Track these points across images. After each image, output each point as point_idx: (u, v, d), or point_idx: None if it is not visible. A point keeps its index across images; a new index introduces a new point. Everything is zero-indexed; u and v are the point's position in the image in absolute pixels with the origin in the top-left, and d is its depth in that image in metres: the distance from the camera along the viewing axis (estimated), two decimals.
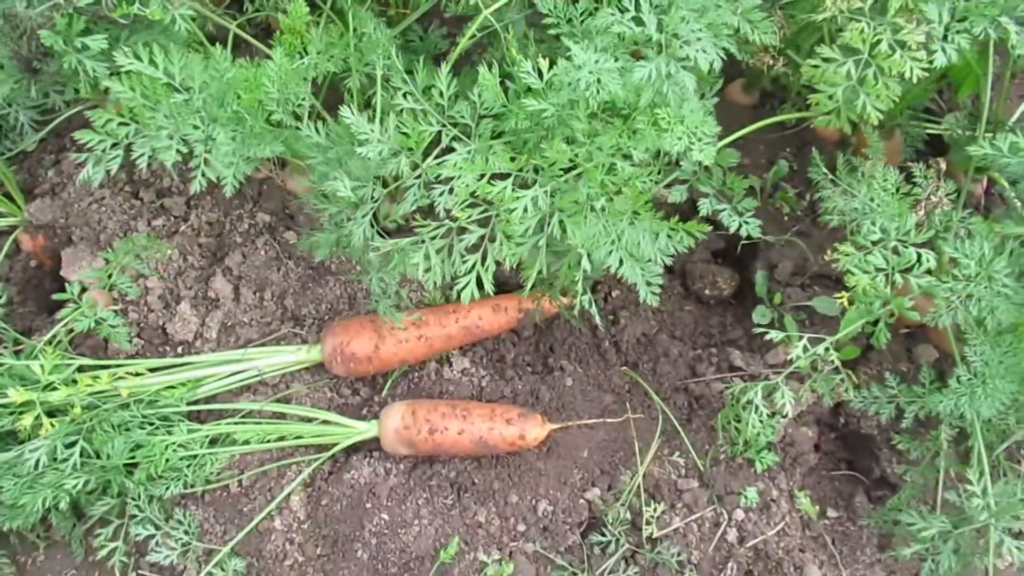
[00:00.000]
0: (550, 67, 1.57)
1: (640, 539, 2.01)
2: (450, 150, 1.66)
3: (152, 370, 2.05)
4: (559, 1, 1.80)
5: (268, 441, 2.02)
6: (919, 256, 1.73)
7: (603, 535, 2.01)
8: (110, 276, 2.03)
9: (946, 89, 2.57)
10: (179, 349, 2.17)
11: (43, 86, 1.77)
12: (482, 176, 1.50)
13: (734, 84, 2.50)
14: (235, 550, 1.97)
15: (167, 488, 1.96)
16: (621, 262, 1.56)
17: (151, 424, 1.97)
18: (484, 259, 1.52)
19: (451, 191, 1.59)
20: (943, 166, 1.88)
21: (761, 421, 1.94)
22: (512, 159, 1.49)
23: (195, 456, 1.98)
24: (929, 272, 1.73)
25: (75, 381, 1.92)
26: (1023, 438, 1.96)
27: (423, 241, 1.55)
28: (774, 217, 2.33)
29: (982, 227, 1.80)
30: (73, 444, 1.88)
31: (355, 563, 1.95)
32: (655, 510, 2.03)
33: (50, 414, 1.88)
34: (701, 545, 2.01)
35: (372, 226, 1.65)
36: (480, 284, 1.53)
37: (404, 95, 1.66)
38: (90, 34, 1.62)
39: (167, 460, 1.93)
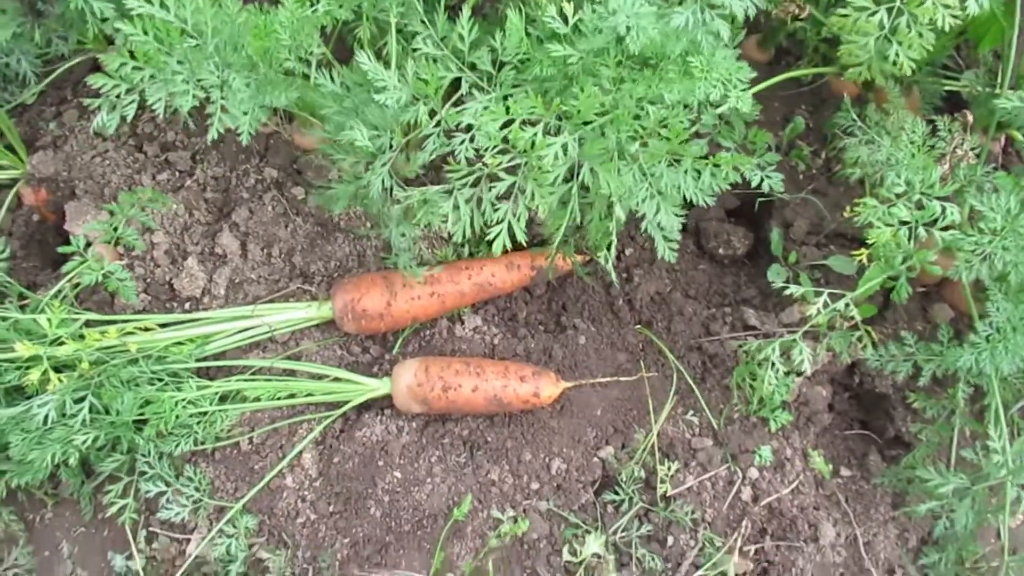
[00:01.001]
0: (575, 12, 1.53)
1: (654, 497, 2.00)
2: (469, 98, 1.62)
3: (161, 326, 2.01)
4: None
5: (279, 398, 1.99)
6: (943, 209, 1.70)
7: (616, 493, 2.00)
8: (115, 229, 1.99)
9: (963, 46, 2.53)
10: (186, 305, 2.13)
11: (46, 30, 1.71)
12: (509, 122, 1.46)
13: (749, 40, 2.45)
14: (246, 507, 1.95)
15: (177, 445, 1.93)
16: (658, 208, 1.52)
17: (160, 380, 1.94)
18: (516, 208, 1.48)
19: (472, 139, 1.55)
20: (970, 119, 1.85)
21: (777, 379, 1.92)
22: (545, 105, 1.44)
23: (205, 413, 1.95)
24: (953, 226, 1.70)
25: (83, 336, 1.88)
26: None
27: (452, 190, 1.51)
28: (789, 174, 2.30)
29: (1007, 181, 1.77)
30: (82, 399, 1.84)
31: (368, 521, 1.94)
32: (669, 468, 2.02)
33: (57, 369, 1.85)
34: (715, 503, 2.00)
35: (391, 176, 1.60)
36: (512, 235, 1.49)
37: (423, 40, 1.61)
38: None
39: (177, 417, 1.90)
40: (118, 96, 1.46)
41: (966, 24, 1.78)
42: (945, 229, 1.69)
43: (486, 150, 1.48)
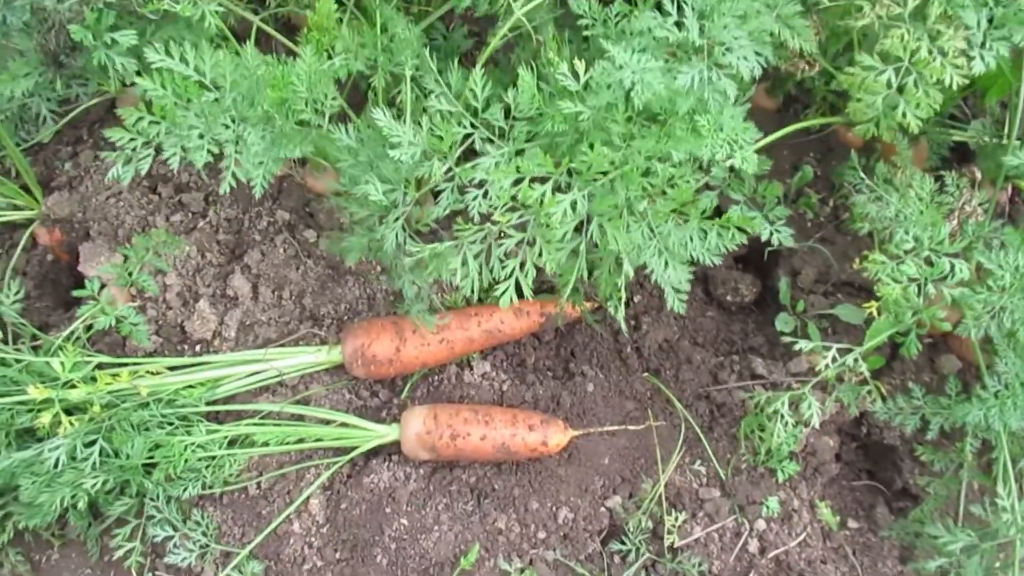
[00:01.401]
0: (586, 69, 1.55)
1: (661, 548, 1.99)
2: (482, 153, 1.64)
3: (171, 369, 2.02)
4: (594, 3, 1.78)
5: (287, 443, 2.00)
6: (953, 266, 1.71)
7: (623, 543, 2.00)
8: (130, 273, 2.01)
9: (970, 95, 2.55)
10: (197, 348, 2.14)
11: (66, 79, 1.74)
12: (519, 179, 1.48)
13: (758, 88, 2.48)
14: (253, 553, 1.95)
15: (185, 489, 1.93)
16: (666, 265, 1.54)
17: (170, 424, 1.95)
18: (523, 264, 1.50)
19: (485, 195, 1.57)
20: (978, 175, 1.87)
21: (785, 431, 1.93)
22: (556, 164, 1.46)
23: (214, 457, 1.96)
24: (962, 283, 1.71)
25: (94, 379, 1.89)
26: None
27: (461, 246, 1.52)
28: (797, 223, 2.31)
29: (1015, 237, 1.78)
30: (92, 443, 1.85)
31: (374, 568, 1.94)
32: (676, 519, 2.01)
33: (68, 412, 1.86)
34: (722, 555, 1.99)
35: (404, 230, 1.62)
36: (519, 290, 1.51)
37: (437, 96, 1.64)
38: (118, 29, 1.60)
39: (186, 460, 1.91)
40: (134, 149, 1.48)
41: (972, 78, 1.80)
42: (954, 286, 1.70)
43: (495, 208, 1.50)
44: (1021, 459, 1.94)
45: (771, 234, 1.80)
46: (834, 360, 1.83)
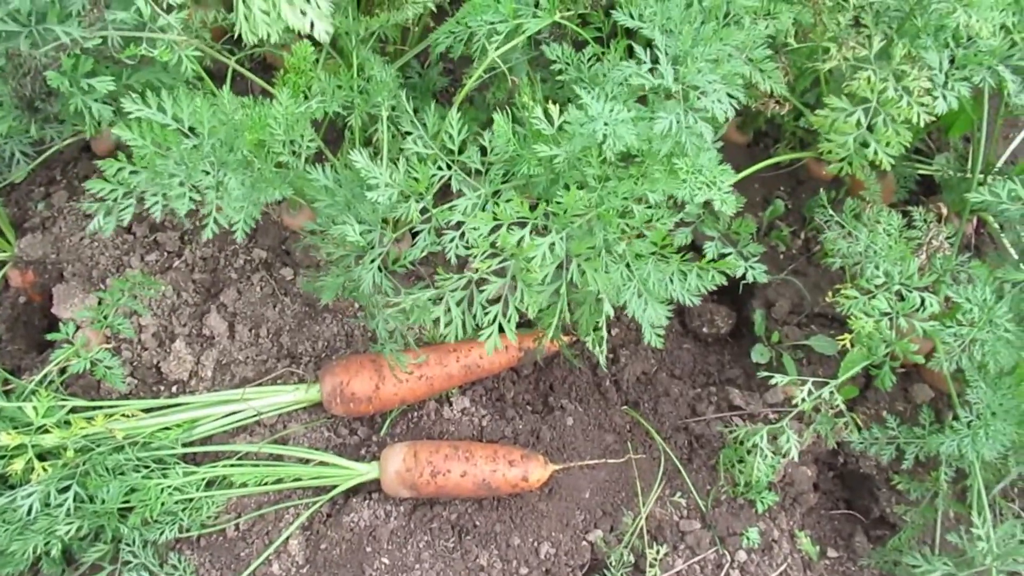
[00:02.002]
0: (560, 112, 1.57)
1: None
2: (459, 194, 1.65)
3: (147, 411, 2.00)
4: (566, 47, 1.81)
5: (265, 483, 1.98)
6: (923, 300, 1.75)
7: None
8: (105, 316, 1.99)
9: (935, 130, 2.62)
10: (174, 388, 2.12)
11: (41, 123, 1.73)
12: (498, 226, 1.49)
13: (729, 124, 2.52)
14: None
15: (162, 533, 1.90)
16: (646, 305, 1.56)
17: (146, 467, 1.92)
18: (506, 310, 1.51)
19: (462, 236, 1.58)
20: (944, 210, 1.91)
21: (764, 463, 1.94)
22: (532, 207, 1.48)
23: (191, 500, 1.93)
24: (933, 316, 1.75)
25: (68, 423, 1.87)
26: (1017, 477, 1.98)
27: (443, 295, 1.53)
28: (770, 255, 2.35)
29: (982, 271, 1.83)
30: (66, 489, 1.83)
31: None
32: (658, 552, 2.01)
33: (41, 457, 1.84)
34: None
35: (381, 270, 1.63)
36: (501, 330, 1.52)
37: (414, 139, 1.65)
38: (95, 75, 1.59)
39: (162, 504, 1.88)
40: (115, 200, 1.48)
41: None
42: (925, 320, 1.73)
43: (474, 256, 1.51)
44: (994, 487, 1.97)
45: (746, 271, 1.82)
46: (810, 393, 1.85)
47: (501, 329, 1.52)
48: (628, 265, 1.53)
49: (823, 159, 1.88)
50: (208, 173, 1.51)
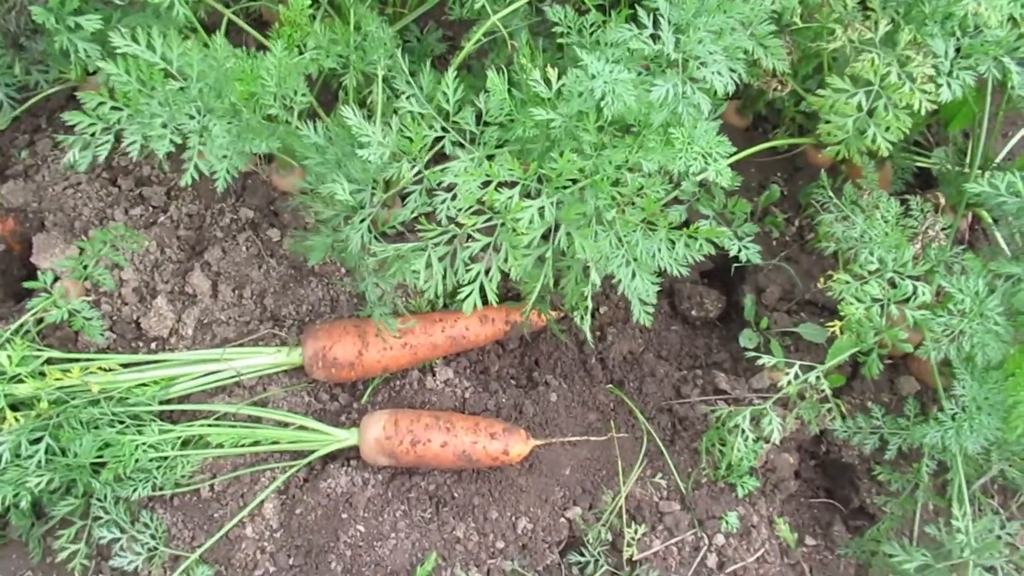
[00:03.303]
0: (559, 77, 1.54)
1: (620, 560, 1.98)
2: (452, 157, 1.62)
3: (124, 366, 1.96)
4: (569, 11, 1.78)
5: (242, 445, 1.95)
6: (915, 288, 1.73)
7: (582, 555, 1.98)
8: (85, 266, 1.95)
9: (933, 124, 2.60)
10: (153, 345, 2.09)
11: (26, 64, 1.68)
12: (487, 183, 1.46)
13: (729, 106, 2.49)
14: (203, 557, 1.90)
15: (134, 490, 1.87)
16: (633, 275, 1.53)
17: (121, 422, 1.89)
18: (488, 269, 1.48)
19: (454, 198, 1.55)
20: (942, 200, 1.89)
21: (746, 446, 1.93)
22: (525, 169, 1.45)
23: (166, 458, 1.91)
24: (924, 305, 1.73)
25: (43, 374, 1.83)
26: (998, 473, 1.98)
27: (425, 248, 1.50)
28: (762, 241, 2.32)
29: (975, 263, 1.81)
30: (38, 440, 1.79)
31: (329, 575, 1.89)
32: (636, 531, 2.00)
33: (13, 408, 1.80)
34: (680, 569, 1.99)
35: (370, 231, 1.60)
36: (484, 295, 1.49)
37: (408, 98, 1.61)
38: (82, 14, 1.55)
39: (136, 461, 1.85)
40: (93, 135, 1.44)
41: (940, 104, 1.83)
42: (916, 309, 1.72)
43: (460, 210, 1.48)
44: (975, 481, 1.97)
45: (739, 250, 1.80)
46: (796, 376, 1.84)
47: (483, 292, 1.49)
48: (617, 234, 1.50)
49: (821, 142, 1.85)
50: (193, 117, 1.47)
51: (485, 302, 1.52)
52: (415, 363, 2.11)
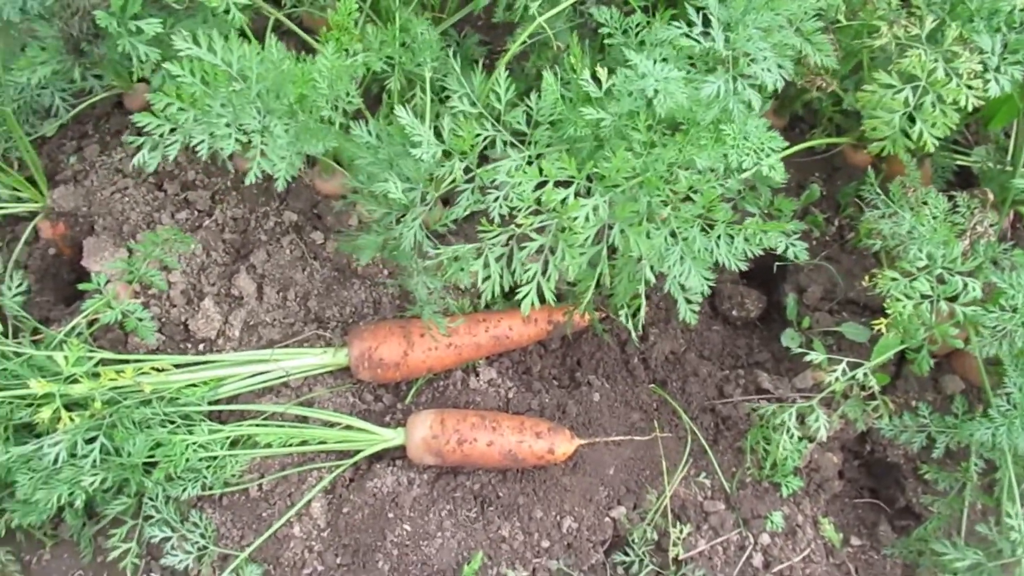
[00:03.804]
0: (608, 76, 1.56)
1: (665, 560, 1.97)
2: (502, 156, 1.64)
3: (177, 366, 1.99)
4: (615, 12, 1.79)
5: (290, 445, 1.97)
6: (965, 285, 1.73)
7: (627, 555, 1.98)
8: (136, 269, 1.98)
9: (972, 122, 2.59)
10: (200, 346, 2.12)
11: (84, 69, 1.72)
12: (543, 183, 1.48)
13: (766, 107, 2.50)
14: (252, 556, 1.92)
15: (185, 489, 1.89)
16: (689, 271, 1.54)
17: (172, 422, 1.91)
18: (546, 269, 1.49)
19: (505, 197, 1.56)
20: (990, 196, 1.89)
21: (791, 444, 1.93)
22: (578, 168, 1.46)
23: (215, 457, 1.93)
24: (974, 301, 1.73)
25: (97, 375, 1.86)
26: None
27: (483, 248, 1.52)
28: (803, 241, 2.32)
29: None
30: (93, 440, 1.81)
31: (376, 574, 1.90)
32: (681, 531, 2.00)
33: (68, 408, 1.82)
34: (726, 568, 1.98)
35: (422, 229, 1.61)
36: (541, 295, 1.50)
37: (460, 97, 1.64)
38: (142, 19, 1.58)
39: (187, 460, 1.87)
40: (161, 135, 1.47)
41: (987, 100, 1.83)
42: (966, 305, 1.71)
43: (518, 210, 1.50)
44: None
45: (787, 247, 1.80)
46: (843, 373, 1.83)
47: (539, 291, 1.51)
48: (672, 231, 1.51)
49: (863, 140, 1.86)
50: (255, 118, 1.49)
51: (542, 301, 1.53)
52: (459, 363, 2.13)
